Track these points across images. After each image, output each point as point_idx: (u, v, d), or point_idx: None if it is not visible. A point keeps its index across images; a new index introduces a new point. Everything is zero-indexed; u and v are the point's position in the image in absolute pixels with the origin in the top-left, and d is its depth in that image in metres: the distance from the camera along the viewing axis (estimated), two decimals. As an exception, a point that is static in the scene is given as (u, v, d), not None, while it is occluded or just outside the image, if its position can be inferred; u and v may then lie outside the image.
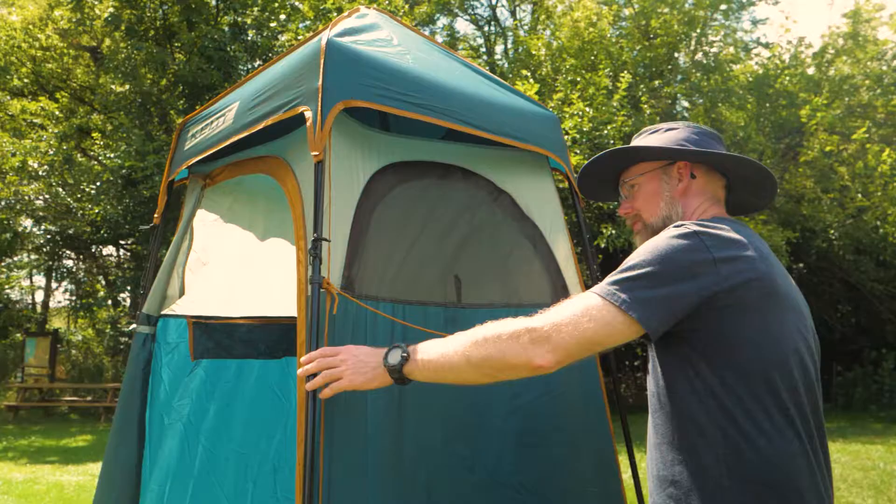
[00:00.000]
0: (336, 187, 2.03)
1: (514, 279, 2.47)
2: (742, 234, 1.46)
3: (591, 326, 1.38)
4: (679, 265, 1.35)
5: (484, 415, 2.25)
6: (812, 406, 1.43)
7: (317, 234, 1.88)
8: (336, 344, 1.90)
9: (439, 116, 2.26)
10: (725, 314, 1.36)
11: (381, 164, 2.25)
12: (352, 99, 2.04)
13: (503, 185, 2.56)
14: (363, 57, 2.12)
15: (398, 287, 2.15)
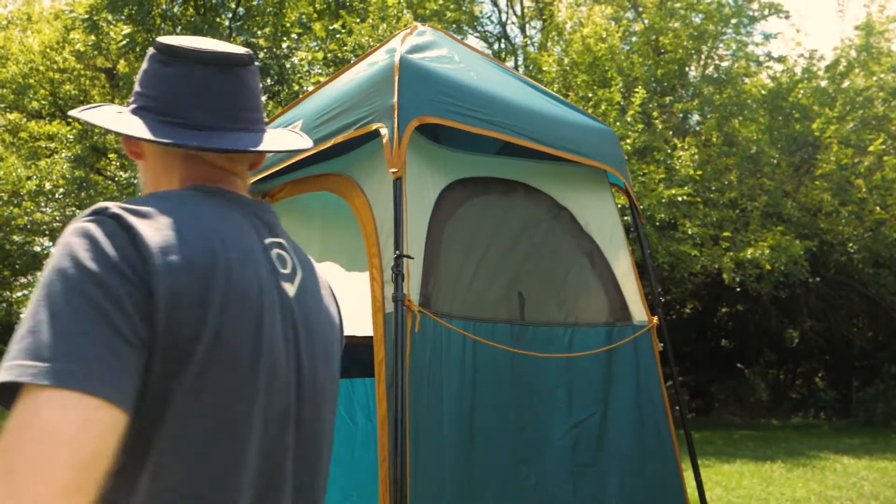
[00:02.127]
0: (410, 204, 2.03)
1: (573, 297, 2.46)
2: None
3: None
4: None
5: (544, 435, 2.23)
6: None
7: (399, 251, 1.87)
8: (417, 362, 1.89)
9: (506, 132, 2.26)
10: None
11: (448, 180, 2.25)
12: (426, 115, 2.04)
13: (563, 200, 2.55)
14: (434, 74, 2.13)
15: (468, 303, 2.15)
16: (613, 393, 2.37)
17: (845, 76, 16.36)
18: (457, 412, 1.97)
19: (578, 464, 2.23)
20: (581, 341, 2.35)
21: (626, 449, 2.35)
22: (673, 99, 16.33)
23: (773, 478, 8.99)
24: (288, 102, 13.94)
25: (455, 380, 1.99)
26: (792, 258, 12.65)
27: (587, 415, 2.29)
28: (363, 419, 3.01)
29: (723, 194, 14.14)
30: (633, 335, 2.49)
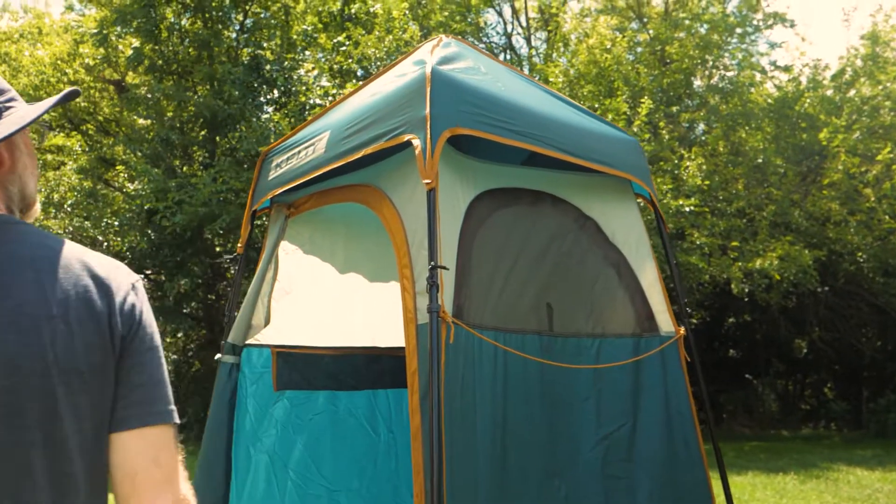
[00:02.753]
0: (441, 214, 2.03)
1: (600, 308, 2.46)
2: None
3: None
4: None
5: (575, 447, 2.22)
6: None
7: (434, 262, 1.87)
8: (451, 373, 1.88)
9: (535, 143, 2.27)
10: None
11: (477, 190, 2.26)
12: (457, 126, 2.05)
13: (589, 211, 2.55)
14: (464, 85, 2.14)
15: (498, 315, 2.15)
16: (642, 404, 2.36)
17: (851, 85, 16.37)
18: (490, 424, 1.96)
19: (609, 475, 2.22)
20: (609, 352, 2.34)
21: (655, 460, 2.33)
22: (679, 109, 16.35)
23: (786, 490, 8.93)
24: (294, 114, 14.00)
25: (487, 391, 1.99)
26: (801, 268, 12.62)
27: (617, 426, 2.28)
28: (385, 430, 3.00)
29: (730, 204, 14.13)
30: (661, 346, 2.48)
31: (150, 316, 1.00)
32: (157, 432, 0.96)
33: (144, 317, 0.99)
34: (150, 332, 0.99)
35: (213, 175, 13.65)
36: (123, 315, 0.96)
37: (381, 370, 3.01)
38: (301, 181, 2.51)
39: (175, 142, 15.28)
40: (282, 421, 2.72)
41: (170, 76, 15.11)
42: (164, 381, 1.00)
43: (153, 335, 0.99)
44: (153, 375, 0.97)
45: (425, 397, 1.87)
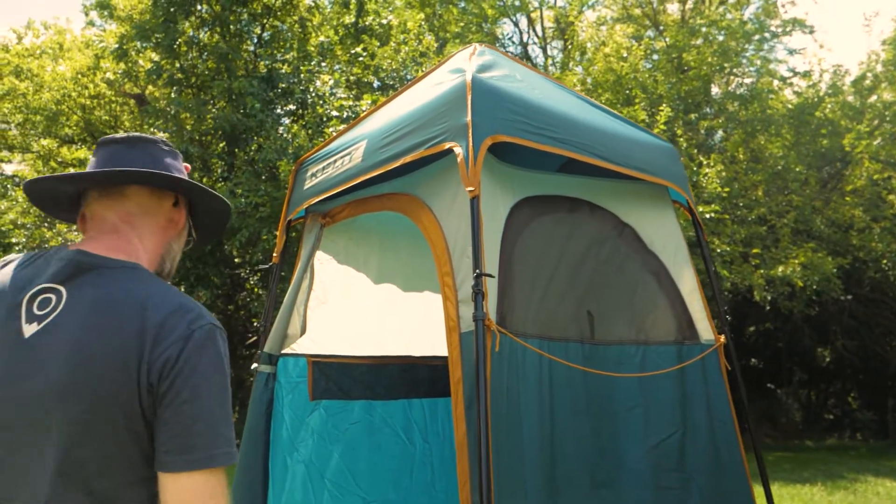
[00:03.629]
0: (483, 222, 2.02)
1: (641, 315, 2.43)
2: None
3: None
4: None
5: (622, 457, 2.19)
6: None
7: (479, 270, 1.86)
8: (496, 382, 1.87)
9: (574, 150, 2.26)
10: None
11: (516, 198, 2.25)
12: (498, 134, 2.04)
13: (626, 218, 2.53)
14: (504, 93, 2.13)
15: (540, 323, 2.13)
16: (688, 412, 2.33)
17: (872, 91, 16.22)
18: (537, 433, 1.94)
19: (660, 486, 2.19)
20: (653, 360, 2.32)
21: (703, 470, 2.30)
22: (698, 116, 16.28)
23: (813, 501, 8.79)
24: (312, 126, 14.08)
25: (533, 400, 1.97)
26: (824, 276, 12.47)
27: (666, 435, 2.25)
28: (420, 440, 2.99)
29: (751, 211, 14.02)
30: (702, 354, 2.45)
31: (198, 365, 1.02)
32: (194, 477, 1.00)
33: (185, 367, 1.02)
34: (193, 383, 1.01)
35: (231, 188, 13.76)
36: (155, 365, 1.01)
37: (415, 380, 3.00)
38: (340, 189, 2.50)
39: (194, 154, 15.42)
40: (318, 430, 2.71)
41: (189, 89, 15.28)
42: (204, 432, 1.01)
43: (197, 386, 1.01)
44: (192, 426, 1.00)
45: (471, 406, 1.85)
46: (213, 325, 1.07)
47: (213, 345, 1.05)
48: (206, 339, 1.04)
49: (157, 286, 1.10)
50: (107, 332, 1.02)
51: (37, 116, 16.12)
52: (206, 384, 1.03)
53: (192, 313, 1.07)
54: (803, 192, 14.20)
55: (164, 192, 1.20)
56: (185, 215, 1.24)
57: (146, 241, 1.18)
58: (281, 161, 13.48)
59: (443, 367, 3.11)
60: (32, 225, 14.29)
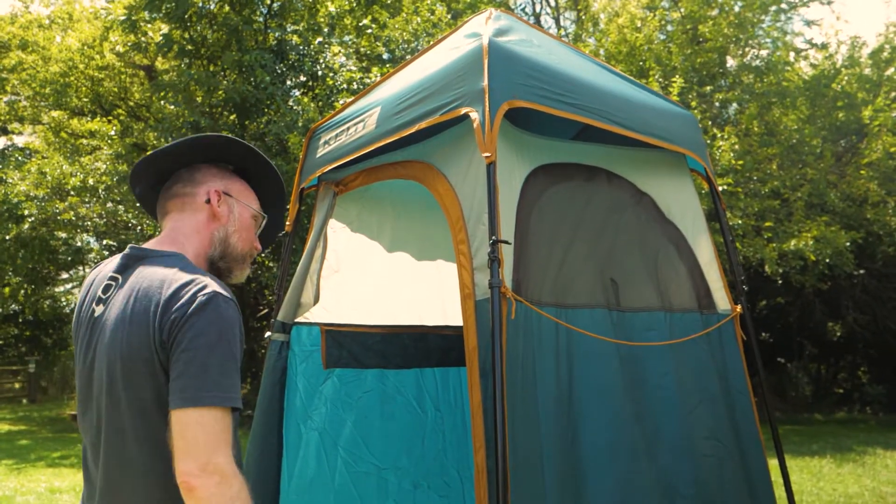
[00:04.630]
0: (499, 189, 1.99)
1: (663, 283, 2.40)
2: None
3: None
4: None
5: (659, 425, 2.18)
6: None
7: (495, 237, 1.84)
8: (511, 350, 1.85)
9: (592, 116, 2.22)
10: None
11: (532, 165, 2.21)
12: (515, 99, 2.01)
13: (644, 187, 2.50)
14: (521, 57, 2.09)
15: (558, 290, 2.11)
16: (713, 380, 2.32)
17: (890, 63, 15.94)
18: (553, 401, 1.93)
19: (698, 454, 2.18)
20: (679, 327, 2.30)
21: (728, 437, 2.29)
22: (713, 89, 16.06)
23: (822, 473, 8.81)
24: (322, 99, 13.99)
25: (550, 367, 1.96)
26: (837, 250, 12.37)
27: (696, 403, 2.23)
28: (432, 409, 2.99)
29: (764, 184, 13.88)
30: (719, 323, 2.43)
31: (196, 322, 1.26)
32: (184, 413, 1.22)
33: (186, 324, 1.27)
34: (190, 336, 1.26)
35: (243, 160, 13.73)
36: (166, 325, 1.28)
37: (427, 349, 3.00)
38: (353, 157, 2.48)
39: (205, 127, 15.39)
40: (331, 399, 2.72)
41: (199, 61, 15.19)
42: (196, 376, 1.24)
43: (193, 338, 1.26)
44: (186, 371, 1.24)
45: (486, 374, 1.84)
46: (216, 293, 1.29)
47: (212, 308, 1.27)
48: (206, 303, 1.27)
49: (183, 267, 1.37)
50: (137, 303, 1.33)
51: (45, 88, 16.09)
52: (201, 338, 1.25)
53: (200, 284, 1.31)
54: (818, 166, 14.02)
55: (199, 198, 1.51)
56: (231, 204, 1.54)
57: (190, 238, 1.49)
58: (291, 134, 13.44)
59: (455, 337, 3.11)
60: (45, 196, 14.35)
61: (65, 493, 8.05)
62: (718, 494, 2.19)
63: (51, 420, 16.60)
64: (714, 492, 2.17)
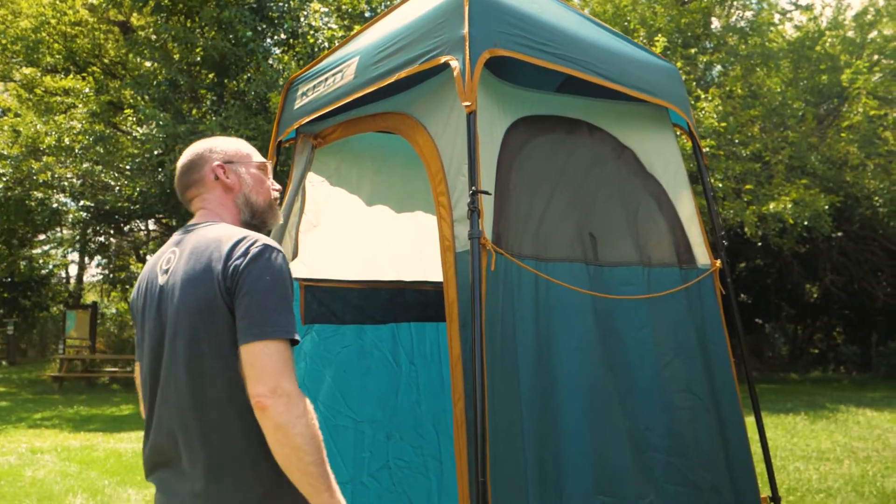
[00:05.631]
0: (480, 140, 1.96)
1: (643, 237, 2.40)
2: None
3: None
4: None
5: (634, 378, 2.19)
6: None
7: (475, 188, 1.81)
8: (491, 302, 1.84)
9: (574, 67, 2.18)
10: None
11: (513, 117, 2.18)
12: (496, 48, 1.96)
13: (626, 140, 2.47)
14: (502, 5, 2.04)
15: (538, 244, 2.09)
16: (690, 334, 2.33)
17: (873, 26, 15.90)
18: (533, 353, 1.93)
19: (672, 407, 2.19)
20: (657, 281, 2.30)
21: (704, 390, 2.31)
22: (697, 50, 15.96)
23: (796, 430, 9.02)
24: (303, 57, 13.73)
25: (529, 321, 1.95)
26: (816, 213, 12.49)
27: (673, 355, 2.25)
28: (406, 362, 2.99)
29: (746, 147, 13.90)
30: (698, 278, 2.43)
31: (253, 270, 1.48)
32: (252, 346, 1.44)
33: (244, 272, 1.49)
34: (249, 282, 1.48)
35: (222, 122, 13.51)
36: (228, 273, 1.50)
37: (406, 304, 2.99)
38: (331, 108, 2.42)
39: (183, 85, 15.08)
40: (310, 354, 2.71)
41: (176, 16, 14.79)
42: (258, 314, 1.46)
43: (252, 283, 1.48)
44: (249, 311, 1.46)
45: (465, 325, 1.83)
46: (265, 245, 1.51)
47: (264, 257, 1.50)
48: (259, 254, 1.50)
49: (229, 228, 1.62)
50: (198, 262, 1.55)
51: (16, 45, 15.64)
52: (258, 282, 1.48)
53: (252, 239, 1.53)
54: (799, 129, 14.06)
55: (207, 177, 1.74)
56: (236, 170, 1.75)
57: (220, 211, 1.73)
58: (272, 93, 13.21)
59: (433, 293, 3.11)
60: (20, 155, 14.05)
61: (46, 453, 8.06)
62: (692, 446, 2.21)
63: (31, 382, 16.54)
64: (688, 444, 2.20)
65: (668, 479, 2.15)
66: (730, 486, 2.36)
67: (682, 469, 2.19)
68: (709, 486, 2.26)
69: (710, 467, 2.29)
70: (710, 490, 2.26)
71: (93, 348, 16.59)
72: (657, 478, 2.13)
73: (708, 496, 2.25)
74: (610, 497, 1.99)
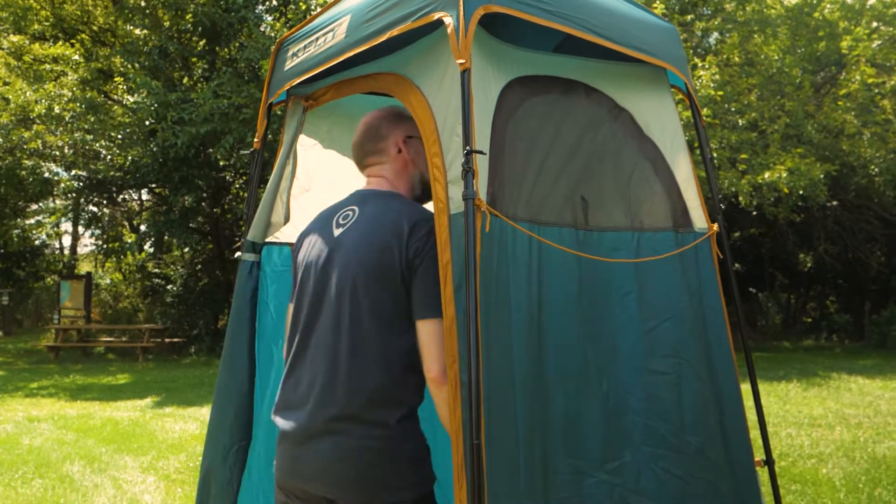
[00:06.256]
0: (474, 100, 1.92)
1: (637, 202, 2.36)
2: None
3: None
4: None
5: (615, 343, 2.18)
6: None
7: (469, 147, 1.77)
8: (485, 264, 1.82)
9: (571, 25, 2.13)
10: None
11: (508, 77, 2.13)
12: (491, 4, 1.91)
13: (623, 101, 2.43)
14: (498, -41, 1.98)
15: (532, 207, 2.06)
16: (683, 298, 2.31)
17: (874, -9, 15.72)
18: (526, 317, 1.91)
19: (653, 371, 2.18)
20: (649, 246, 2.27)
21: (696, 356, 2.30)
22: (694, 17, 15.78)
23: (789, 397, 9.11)
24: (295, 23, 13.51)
25: (523, 284, 1.93)
26: (811, 182, 12.46)
27: (660, 321, 2.23)
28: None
29: (742, 116, 13.81)
30: (695, 241, 2.41)
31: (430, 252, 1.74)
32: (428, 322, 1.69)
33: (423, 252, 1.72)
34: (426, 264, 1.72)
35: (214, 89, 13.34)
36: (410, 251, 1.71)
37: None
38: (320, 70, 2.37)
39: (173, 52, 14.86)
40: (304, 320, 2.69)
41: (166, -19, 14.52)
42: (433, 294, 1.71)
43: (428, 265, 1.72)
44: (427, 289, 1.70)
45: (460, 288, 1.81)
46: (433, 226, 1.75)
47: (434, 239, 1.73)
48: (432, 234, 1.71)
49: (411, 204, 1.85)
50: (382, 227, 1.74)
51: (3, 12, 15.37)
52: (433, 265, 1.72)
53: (430, 219, 1.73)
54: (796, 97, 13.96)
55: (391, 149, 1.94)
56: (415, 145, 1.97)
57: (396, 183, 1.92)
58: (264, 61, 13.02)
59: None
60: (9, 124, 13.88)
61: (43, 421, 8.09)
62: (675, 411, 2.21)
63: (27, 352, 16.56)
64: (670, 408, 2.19)
65: (646, 442, 2.15)
66: (721, 449, 2.36)
67: (664, 433, 2.19)
68: (694, 449, 2.26)
69: (697, 431, 2.29)
70: (696, 454, 2.26)
71: (88, 318, 16.59)
72: (634, 441, 2.13)
73: (693, 459, 2.25)
74: (579, 460, 1.99)
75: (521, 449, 1.86)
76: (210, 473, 2.57)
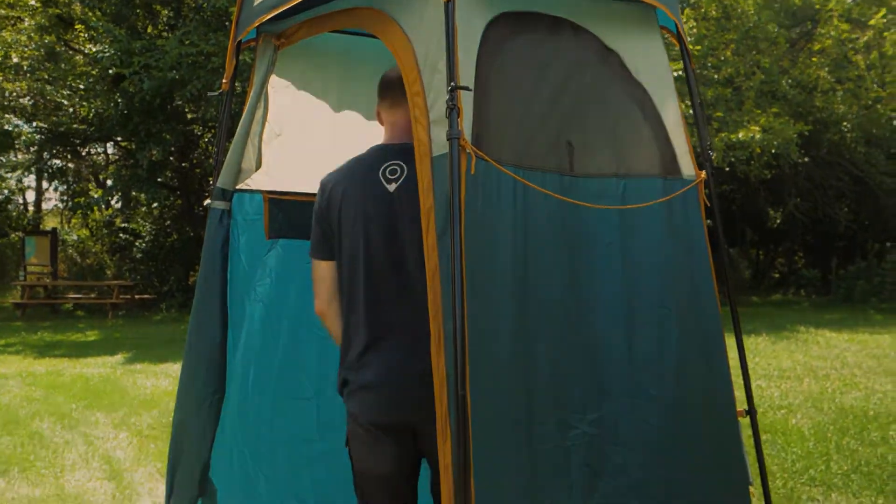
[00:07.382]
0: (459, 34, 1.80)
1: (624, 147, 2.28)
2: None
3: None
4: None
5: (599, 291, 2.12)
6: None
7: (454, 83, 1.67)
8: (470, 208, 1.73)
9: (560, -43, 2.01)
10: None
11: (492, 13, 2.02)
12: (476, -69, 1.78)
13: (611, 43, 2.32)
14: None
15: (516, 150, 1.97)
16: (668, 248, 2.25)
17: (850, -55, 15.60)
18: (510, 263, 1.84)
19: (636, 322, 2.13)
20: (635, 193, 2.19)
21: (679, 307, 2.25)
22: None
23: (758, 350, 9.25)
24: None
25: (507, 230, 1.85)
26: (784, 141, 12.48)
27: (644, 269, 2.17)
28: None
29: (718, 71, 13.73)
30: (683, 189, 2.34)
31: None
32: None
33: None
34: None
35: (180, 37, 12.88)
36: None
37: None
38: (292, 4, 2.22)
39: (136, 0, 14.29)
40: (276, 270, 2.60)
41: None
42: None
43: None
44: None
45: (444, 234, 1.72)
46: None
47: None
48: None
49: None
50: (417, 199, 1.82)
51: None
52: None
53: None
54: (772, 52, 13.90)
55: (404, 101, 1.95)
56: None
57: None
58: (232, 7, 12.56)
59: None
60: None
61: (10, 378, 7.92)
62: (656, 361, 2.17)
63: (-9, 309, 16.21)
64: (652, 358, 2.16)
65: (626, 392, 2.12)
66: (703, 399, 2.34)
67: (643, 383, 2.16)
68: (673, 399, 2.23)
69: (679, 382, 2.26)
70: (677, 404, 2.24)
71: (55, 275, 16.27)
72: (614, 392, 2.09)
73: (673, 410, 2.22)
74: (563, 410, 1.96)
75: (506, 400, 1.80)
76: (183, 425, 2.49)
